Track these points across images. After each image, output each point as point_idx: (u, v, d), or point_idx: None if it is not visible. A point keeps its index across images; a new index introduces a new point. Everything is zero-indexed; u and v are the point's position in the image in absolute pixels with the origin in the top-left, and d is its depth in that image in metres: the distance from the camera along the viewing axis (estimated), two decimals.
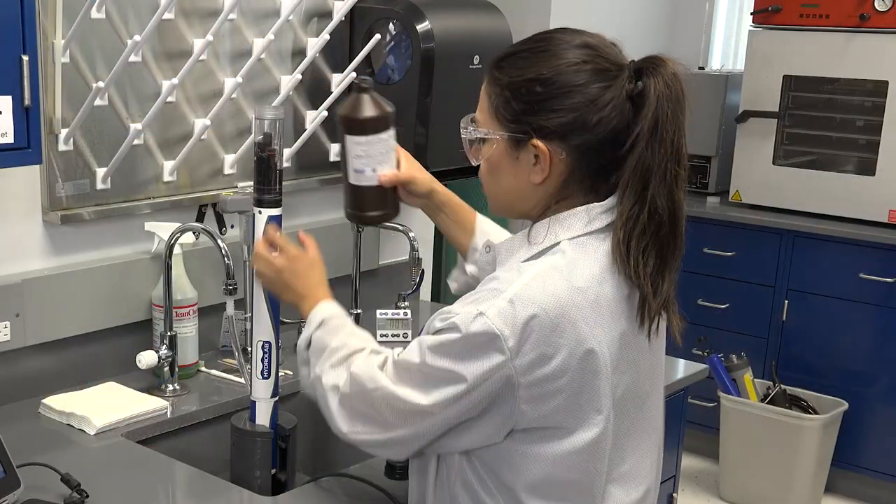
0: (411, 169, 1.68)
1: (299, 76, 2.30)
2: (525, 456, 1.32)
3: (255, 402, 1.76)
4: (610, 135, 1.31)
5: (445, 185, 1.77)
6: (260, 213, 1.68)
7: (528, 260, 1.35)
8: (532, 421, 1.30)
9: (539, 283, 1.29)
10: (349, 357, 1.44)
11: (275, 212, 1.69)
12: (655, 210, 1.30)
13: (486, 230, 1.74)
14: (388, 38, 2.40)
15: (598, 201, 1.35)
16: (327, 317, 1.52)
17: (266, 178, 1.67)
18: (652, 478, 1.48)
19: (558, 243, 1.34)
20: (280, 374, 2.19)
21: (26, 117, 1.66)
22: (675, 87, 1.31)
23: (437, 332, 1.32)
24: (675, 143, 1.31)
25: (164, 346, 2.08)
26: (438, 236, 3.51)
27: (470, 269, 1.74)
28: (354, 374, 1.39)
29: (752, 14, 3.99)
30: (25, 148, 1.68)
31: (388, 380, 1.35)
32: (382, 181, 1.63)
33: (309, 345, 1.51)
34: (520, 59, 1.36)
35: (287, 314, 2.33)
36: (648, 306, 1.33)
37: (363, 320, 2.44)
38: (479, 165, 1.43)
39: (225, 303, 2.06)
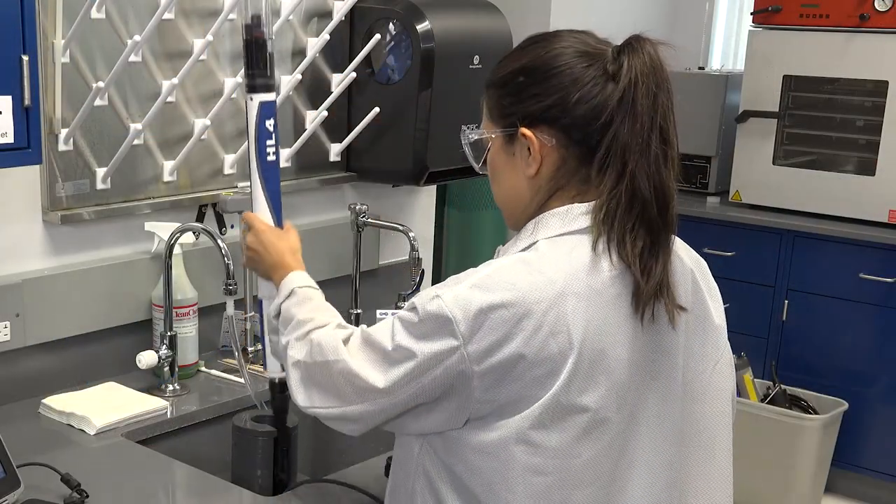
0: None
1: (299, 76, 2.30)
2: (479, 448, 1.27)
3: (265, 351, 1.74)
4: (591, 113, 1.29)
5: (445, 185, 1.77)
6: (251, 99, 1.62)
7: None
8: (488, 409, 1.26)
9: (502, 273, 1.27)
10: (313, 331, 1.43)
11: (267, 97, 1.62)
12: (638, 188, 1.27)
13: None
14: (388, 38, 2.40)
15: (588, 194, 1.32)
16: (296, 287, 1.53)
17: (256, 60, 1.61)
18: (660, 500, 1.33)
19: (536, 242, 1.32)
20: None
21: (26, 117, 1.66)
22: (653, 62, 1.28)
23: (404, 311, 1.32)
24: (654, 119, 1.27)
25: (164, 346, 2.08)
26: (438, 236, 3.51)
27: None
28: (316, 346, 1.39)
29: (752, 14, 3.99)
30: (25, 148, 1.68)
31: (349, 354, 1.34)
32: None
33: (279, 314, 1.52)
34: (507, 58, 1.38)
35: None
36: (640, 289, 1.27)
37: (363, 320, 2.44)
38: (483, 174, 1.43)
39: (225, 303, 2.06)
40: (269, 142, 1.64)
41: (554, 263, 1.27)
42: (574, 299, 1.25)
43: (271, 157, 1.65)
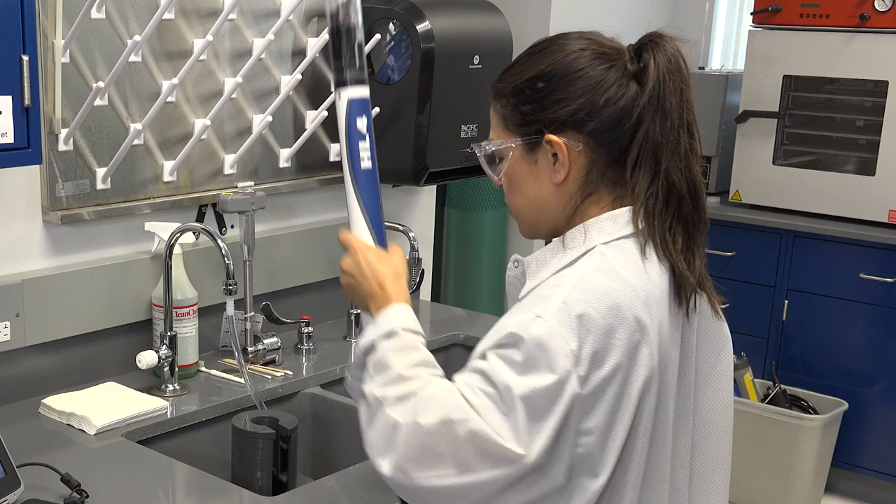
0: None
1: (299, 76, 2.30)
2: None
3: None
4: (619, 114, 1.28)
5: (445, 185, 1.75)
6: (339, 96, 1.38)
7: (565, 267, 1.28)
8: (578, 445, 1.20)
9: (587, 284, 1.23)
10: (419, 391, 1.24)
11: (358, 91, 1.38)
12: (673, 185, 1.28)
13: None
14: (388, 38, 2.39)
15: (622, 196, 1.31)
16: (398, 326, 1.31)
17: (344, 50, 1.38)
18: None
19: (594, 247, 1.28)
20: (279, 374, 2.21)
21: (26, 117, 1.66)
22: (676, 59, 1.29)
23: (496, 347, 1.21)
24: (682, 115, 1.29)
25: (164, 346, 2.07)
26: (438, 236, 3.51)
27: None
28: (426, 402, 1.22)
29: (752, 14, 3.99)
30: (25, 148, 1.67)
31: (476, 412, 1.18)
32: None
33: (370, 351, 1.31)
34: (518, 65, 1.35)
35: (284, 314, 2.33)
36: (685, 283, 1.29)
37: (363, 320, 2.43)
38: (494, 182, 1.39)
39: (225, 303, 2.06)
40: (362, 144, 1.40)
41: (627, 269, 1.26)
42: (654, 304, 1.25)
43: (366, 164, 1.40)
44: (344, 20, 1.41)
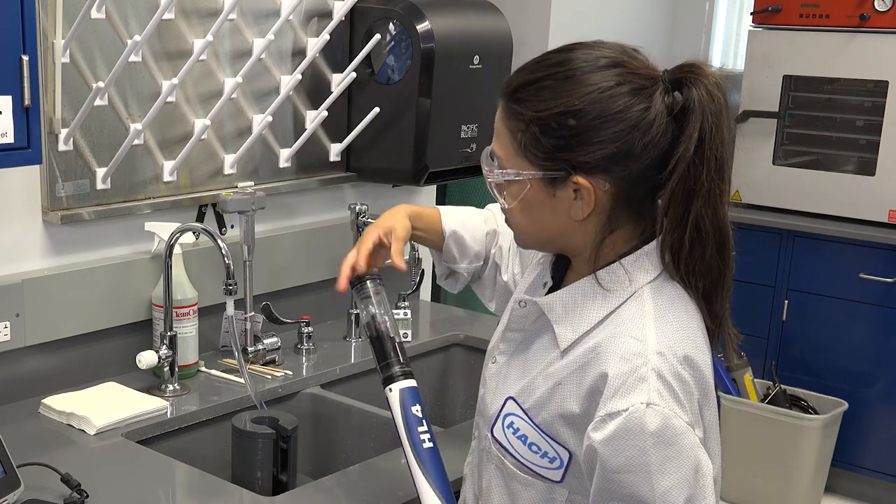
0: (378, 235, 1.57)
1: (299, 76, 2.30)
2: None
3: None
4: (657, 159, 1.21)
5: (445, 185, 1.74)
6: (390, 390, 1.46)
7: (613, 312, 1.26)
8: None
9: (665, 334, 1.22)
10: None
11: (408, 383, 1.47)
12: (698, 234, 1.23)
13: (456, 228, 1.65)
14: (388, 38, 2.40)
15: (647, 229, 1.29)
16: None
17: (384, 352, 1.48)
18: None
19: (640, 290, 1.26)
20: (279, 374, 2.21)
21: (26, 117, 1.66)
22: (719, 97, 1.21)
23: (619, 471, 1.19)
24: (718, 158, 1.21)
25: (164, 346, 2.07)
26: None
27: (463, 268, 1.69)
28: None
29: (752, 14, 3.99)
30: (25, 148, 1.67)
31: None
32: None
33: None
34: (543, 90, 1.23)
35: (284, 314, 2.33)
36: (707, 328, 1.30)
37: (363, 320, 2.43)
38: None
39: (225, 303, 2.06)
40: (420, 429, 1.43)
41: (681, 313, 1.26)
42: (705, 346, 1.28)
43: (428, 445, 1.43)
44: (379, 327, 1.50)
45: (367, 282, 1.53)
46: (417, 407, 1.45)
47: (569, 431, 1.26)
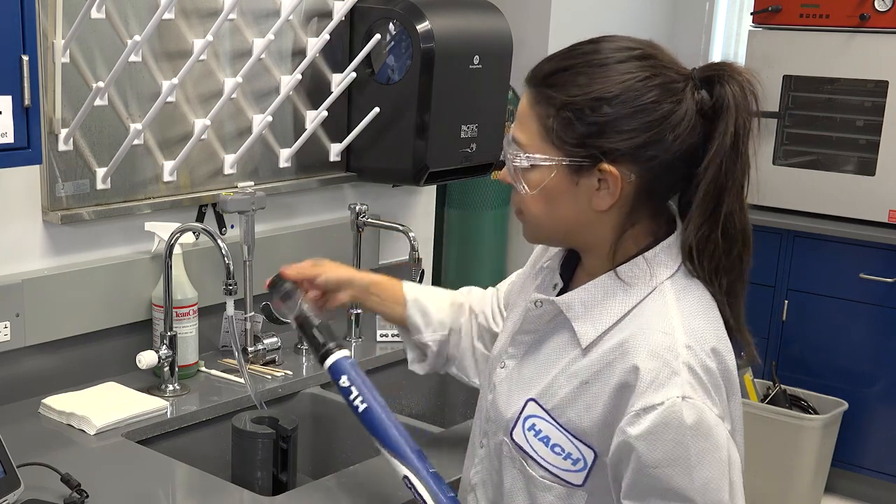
0: (326, 275, 1.66)
1: (299, 76, 2.30)
2: None
3: None
4: (685, 153, 1.22)
5: (445, 185, 1.74)
6: (325, 368, 1.59)
7: (635, 307, 1.26)
8: None
9: (691, 326, 1.24)
10: None
11: (333, 358, 1.58)
12: (727, 230, 1.24)
13: (418, 296, 1.68)
14: (388, 38, 2.40)
15: (662, 225, 1.29)
16: None
17: (310, 338, 1.61)
18: None
19: (661, 284, 1.26)
20: (279, 374, 2.21)
21: (26, 117, 1.66)
22: (751, 94, 1.23)
23: (644, 435, 1.20)
24: (748, 155, 1.24)
25: (164, 346, 2.07)
26: (438, 236, 3.51)
27: (428, 337, 1.68)
28: None
29: (752, 14, 3.99)
30: (25, 148, 1.67)
31: None
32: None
33: None
34: (578, 76, 1.23)
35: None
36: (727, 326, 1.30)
37: (363, 320, 2.44)
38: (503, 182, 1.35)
39: (225, 303, 2.06)
40: (351, 397, 1.52)
41: (705, 306, 1.28)
42: (727, 339, 1.29)
43: (362, 407, 1.50)
44: (297, 319, 1.61)
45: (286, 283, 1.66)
46: (344, 378, 1.53)
47: (596, 430, 1.26)
